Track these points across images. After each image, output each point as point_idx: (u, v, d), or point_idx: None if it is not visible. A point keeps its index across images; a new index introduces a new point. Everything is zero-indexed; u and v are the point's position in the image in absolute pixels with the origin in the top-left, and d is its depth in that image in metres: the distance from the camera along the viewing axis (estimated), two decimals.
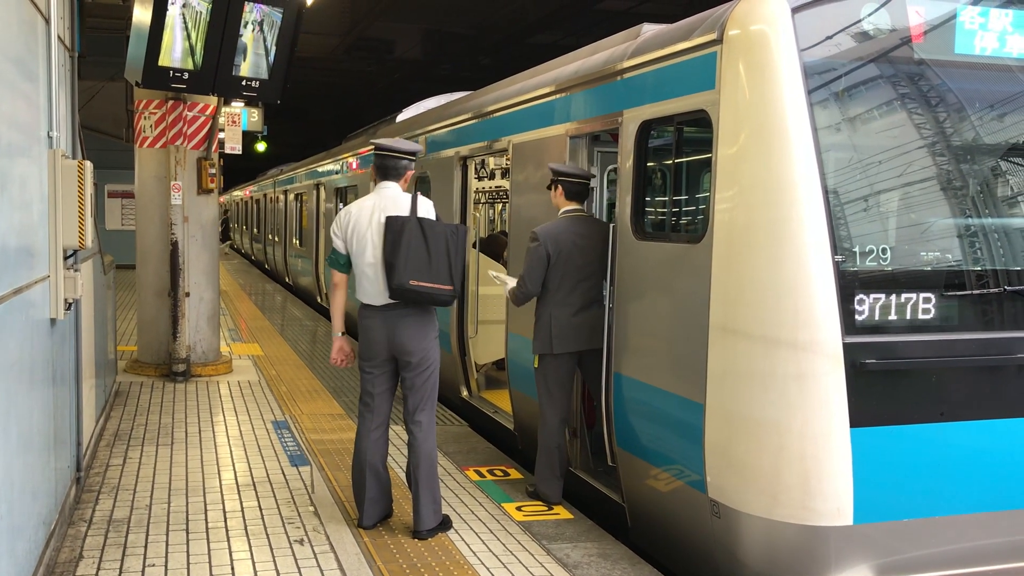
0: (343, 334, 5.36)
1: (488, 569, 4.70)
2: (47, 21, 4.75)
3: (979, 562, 4.39)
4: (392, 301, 4.95)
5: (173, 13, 7.96)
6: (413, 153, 5.17)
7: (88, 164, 5.01)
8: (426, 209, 4.97)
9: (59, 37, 5.04)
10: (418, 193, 5.02)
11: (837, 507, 4.12)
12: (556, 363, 5.62)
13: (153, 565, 4.64)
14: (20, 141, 4.05)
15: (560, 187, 5.69)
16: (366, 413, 5.18)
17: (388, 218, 4.86)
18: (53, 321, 4.76)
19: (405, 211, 4.91)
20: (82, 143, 6.09)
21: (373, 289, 5.01)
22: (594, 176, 5.97)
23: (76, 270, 5.14)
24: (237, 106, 17.67)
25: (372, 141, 5.28)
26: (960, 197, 4.56)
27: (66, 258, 4.96)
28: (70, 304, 5.02)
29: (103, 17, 12.63)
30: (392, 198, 5.01)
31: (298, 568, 4.66)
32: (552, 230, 5.59)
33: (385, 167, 5.10)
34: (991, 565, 4.40)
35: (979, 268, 4.46)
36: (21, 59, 4.13)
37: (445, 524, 5.19)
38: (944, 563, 4.34)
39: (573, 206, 5.70)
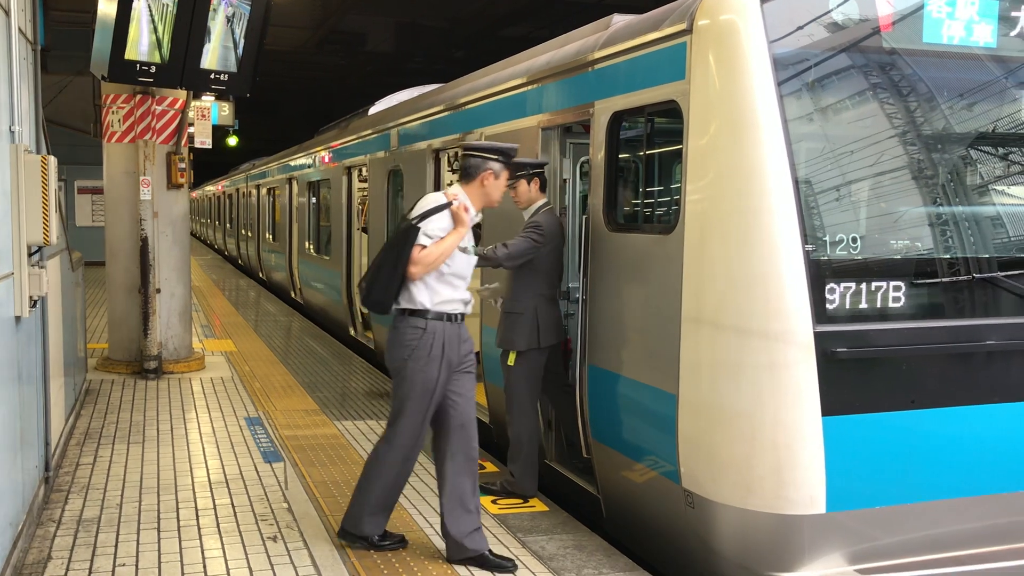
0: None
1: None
2: (7, 13, 4.66)
3: (952, 547, 4.43)
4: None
5: (139, 6, 7.85)
6: (498, 152, 4.74)
7: (52, 159, 4.93)
8: (420, 206, 4.61)
9: (20, 29, 4.95)
10: (435, 192, 4.79)
11: (810, 495, 4.14)
12: (540, 356, 5.60)
13: (124, 565, 4.58)
14: None
15: (537, 180, 5.64)
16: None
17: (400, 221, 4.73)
18: (18, 319, 4.69)
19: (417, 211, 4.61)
20: (47, 138, 5.99)
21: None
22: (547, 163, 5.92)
23: (41, 267, 5.06)
24: (207, 100, 17.53)
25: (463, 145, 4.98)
26: (930, 186, 4.59)
27: (30, 255, 4.88)
28: (35, 301, 4.94)
29: (69, 10, 12.46)
30: (427, 198, 4.71)
31: (271, 565, 4.62)
32: (554, 228, 5.57)
33: (461, 168, 4.84)
34: (964, 550, 4.44)
35: (949, 256, 4.48)
36: None
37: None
38: (918, 549, 4.38)
39: (546, 198, 5.70)
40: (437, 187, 8.26)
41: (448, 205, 4.58)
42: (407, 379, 4.57)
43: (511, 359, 5.60)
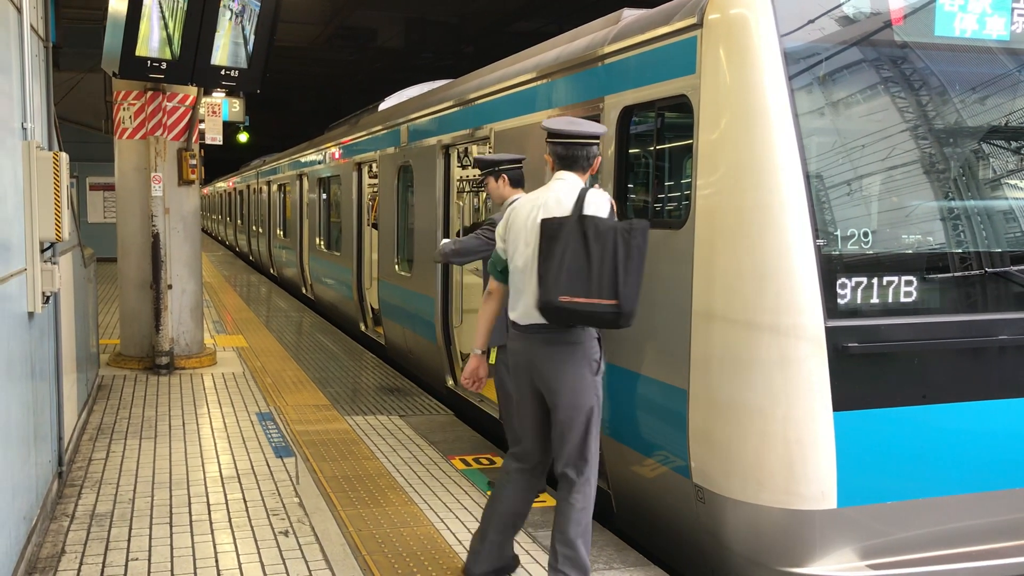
0: (483, 353, 4.55)
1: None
2: (19, 10, 4.68)
3: (964, 543, 4.41)
4: (539, 322, 4.05)
5: (150, 3, 7.88)
6: (598, 136, 4.20)
7: (64, 156, 4.95)
8: (596, 205, 3.98)
9: (32, 27, 4.97)
10: (592, 187, 4.15)
11: (821, 491, 4.13)
12: None
13: (136, 559, 4.61)
14: None
15: (505, 177, 5.34)
16: (513, 450, 4.42)
17: (543, 221, 3.97)
18: (31, 315, 4.71)
19: (568, 209, 3.98)
20: (58, 134, 6.02)
21: (522, 303, 4.14)
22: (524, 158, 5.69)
23: (54, 263, 5.09)
24: (218, 96, 17.57)
25: (546, 126, 4.22)
26: (942, 180, 4.57)
27: (43, 251, 4.90)
28: (48, 297, 4.97)
29: (80, 7, 12.51)
30: (558, 193, 4.09)
31: (283, 560, 4.64)
32: None
33: (567, 157, 4.16)
34: (976, 545, 4.43)
35: (961, 251, 4.46)
36: None
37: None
38: (929, 544, 4.36)
39: (520, 193, 5.46)
40: (447, 183, 8.27)
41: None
42: (596, 397, 4.08)
43: (492, 357, 5.50)
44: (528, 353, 4.12)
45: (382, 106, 12.30)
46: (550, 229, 3.93)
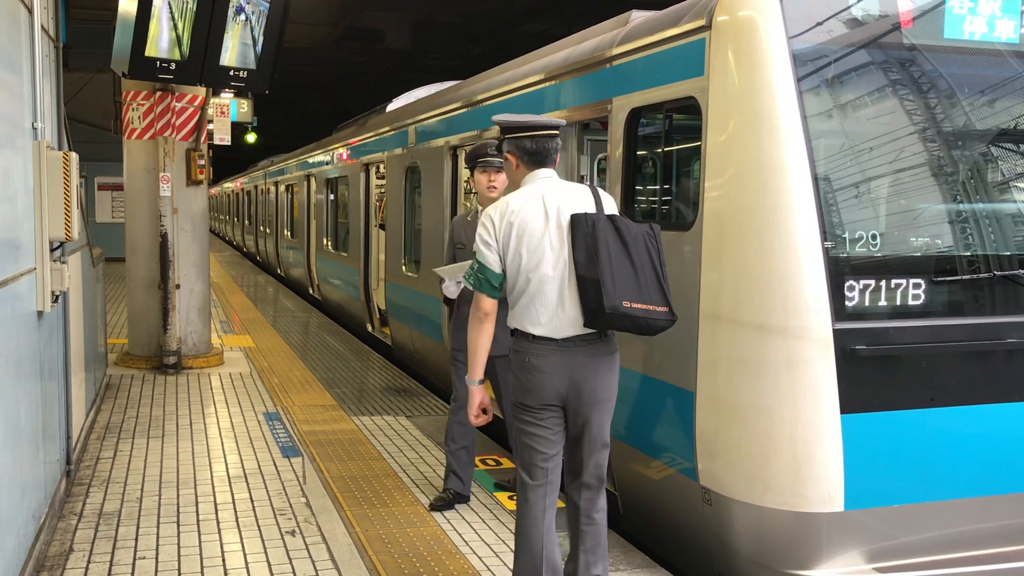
0: (481, 382, 3.96)
1: (480, 558, 4.70)
2: (30, 11, 4.70)
3: (971, 546, 4.40)
4: (582, 332, 3.74)
5: (159, 3, 7.91)
6: (558, 128, 3.94)
7: (74, 155, 4.97)
8: (611, 205, 3.80)
9: (42, 27, 5.00)
10: (579, 178, 4.00)
11: (828, 493, 4.12)
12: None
13: (144, 558, 4.63)
14: (4, 132, 4.01)
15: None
16: (538, 487, 3.86)
17: (574, 217, 3.65)
18: (40, 314, 4.73)
19: (588, 207, 3.72)
20: (68, 134, 6.04)
21: (552, 315, 3.74)
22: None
23: (63, 262, 5.11)
24: (226, 97, 17.62)
25: (497, 120, 3.95)
26: (950, 183, 4.56)
27: (52, 250, 4.92)
28: (57, 296, 4.99)
29: (90, 8, 12.55)
30: (564, 189, 3.80)
31: (290, 560, 4.65)
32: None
33: (536, 152, 3.83)
34: (983, 549, 4.41)
35: (969, 253, 4.45)
36: (3, 50, 4.09)
37: None
38: (936, 547, 4.35)
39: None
40: (455, 184, 8.27)
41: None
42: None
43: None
44: (567, 368, 3.74)
45: (390, 107, 12.31)
46: (585, 226, 3.62)
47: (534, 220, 3.74)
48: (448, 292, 5.33)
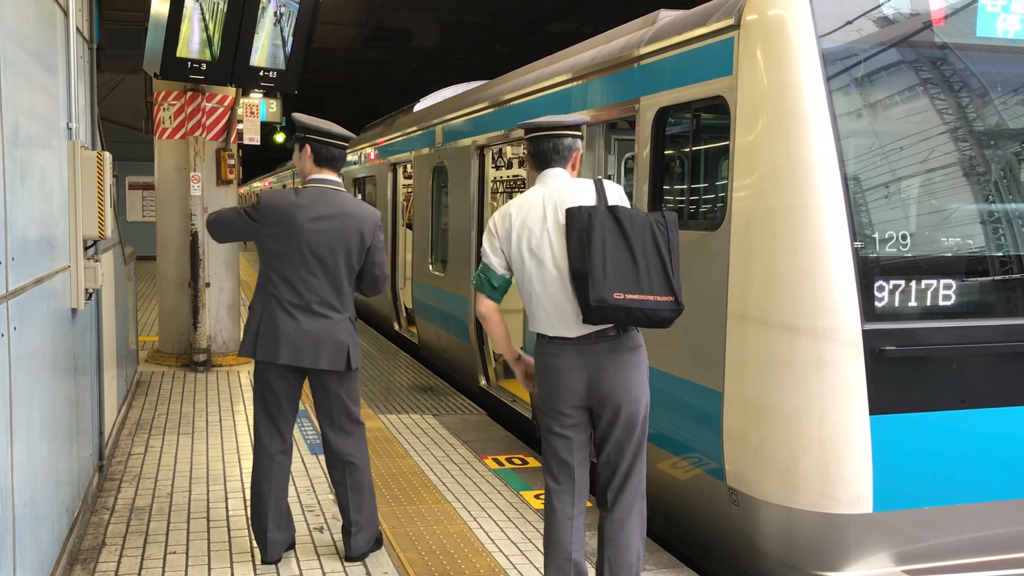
0: (519, 357, 3.98)
1: (507, 557, 4.71)
2: (65, 13, 4.78)
3: (1001, 550, 4.36)
4: (595, 330, 3.67)
5: (191, 5, 8.00)
6: (577, 127, 3.86)
7: (107, 155, 5.04)
8: (619, 194, 3.70)
9: (77, 29, 5.07)
10: (606, 177, 3.94)
11: (856, 495, 4.10)
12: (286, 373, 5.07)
13: (175, 552, 4.68)
14: (40, 133, 4.08)
15: (308, 147, 4.80)
16: (564, 493, 3.79)
17: (569, 211, 3.59)
18: (74, 311, 4.80)
19: (587, 200, 3.63)
20: (101, 134, 6.12)
21: (561, 313, 3.69)
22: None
23: (96, 260, 5.18)
24: (256, 97, 17.72)
25: (521, 125, 3.95)
26: (981, 182, 4.52)
27: (86, 248, 5.00)
28: (90, 294, 5.06)
29: (122, 9, 12.69)
30: (566, 186, 3.74)
31: (318, 555, 4.68)
32: (277, 205, 4.70)
33: (543, 152, 3.81)
34: (1014, 553, 4.37)
35: (1000, 254, 4.41)
36: (40, 51, 4.15)
37: None
38: (965, 551, 4.31)
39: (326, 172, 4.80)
40: (481, 184, 8.30)
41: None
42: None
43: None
44: (585, 366, 3.68)
45: (417, 107, 12.36)
46: (580, 218, 3.54)
47: (534, 220, 3.72)
48: None
